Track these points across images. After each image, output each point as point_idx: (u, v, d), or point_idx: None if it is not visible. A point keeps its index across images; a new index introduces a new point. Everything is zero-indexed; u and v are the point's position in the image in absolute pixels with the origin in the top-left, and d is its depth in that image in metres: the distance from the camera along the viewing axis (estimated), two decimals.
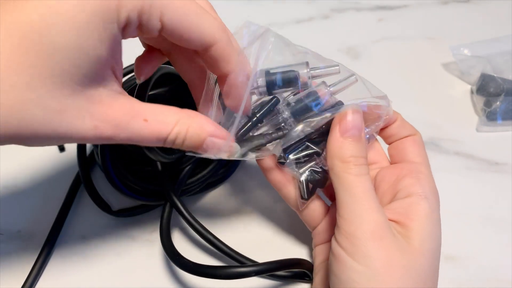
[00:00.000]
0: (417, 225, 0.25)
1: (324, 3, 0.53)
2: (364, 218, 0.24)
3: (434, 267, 0.25)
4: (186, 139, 0.22)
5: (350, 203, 0.24)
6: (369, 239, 0.23)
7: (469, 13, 0.51)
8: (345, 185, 0.24)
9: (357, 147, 0.25)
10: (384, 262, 0.23)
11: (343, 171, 0.25)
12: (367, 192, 0.24)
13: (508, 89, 0.39)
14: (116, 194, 0.36)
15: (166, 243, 0.30)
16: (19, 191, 0.37)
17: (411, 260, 0.24)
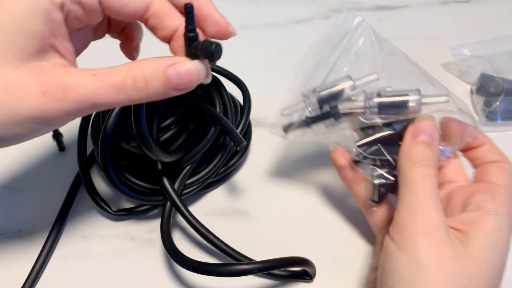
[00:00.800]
0: (479, 235, 0.24)
1: (324, 3, 0.53)
2: (420, 213, 0.24)
3: (492, 281, 0.24)
4: (146, 79, 0.22)
5: (409, 199, 0.24)
6: (420, 233, 0.23)
7: (469, 13, 0.51)
8: (408, 182, 0.25)
9: (426, 151, 0.26)
10: (432, 258, 0.23)
11: (408, 169, 0.25)
12: (428, 191, 0.24)
13: (508, 89, 0.39)
14: (116, 194, 0.36)
15: (167, 242, 0.30)
16: (19, 191, 0.37)
17: (464, 265, 0.23)
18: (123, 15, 0.25)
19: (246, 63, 0.46)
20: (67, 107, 0.21)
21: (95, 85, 0.21)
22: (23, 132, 0.22)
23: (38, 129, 0.22)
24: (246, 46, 0.48)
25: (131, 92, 0.22)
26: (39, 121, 0.22)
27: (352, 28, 0.32)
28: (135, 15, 0.25)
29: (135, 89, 0.22)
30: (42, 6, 0.21)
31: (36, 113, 0.21)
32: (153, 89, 0.22)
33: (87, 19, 0.24)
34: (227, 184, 0.37)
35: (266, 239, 0.34)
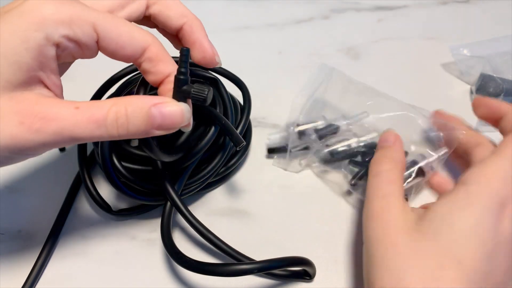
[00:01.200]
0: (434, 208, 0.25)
1: (324, 3, 0.53)
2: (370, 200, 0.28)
3: None
4: (128, 116, 0.22)
5: (367, 191, 0.29)
6: (370, 218, 0.27)
7: (469, 13, 0.51)
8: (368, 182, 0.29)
9: (382, 152, 0.31)
10: (374, 239, 0.25)
11: (370, 172, 0.30)
12: (379, 183, 0.29)
13: (507, 89, 0.40)
14: (116, 194, 0.36)
15: (168, 242, 0.30)
16: (19, 191, 0.37)
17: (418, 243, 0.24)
18: (118, 56, 0.24)
19: (246, 63, 0.46)
20: (44, 139, 0.21)
21: (76, 118, 0.21)
22: None
23: (11, 158, 0.22)
24: (246, 46, 0.48)
25: (111, 128, 0.22)
26: (13, 150, 0.21)
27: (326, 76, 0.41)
28: (130, 58, 0.25)
29: (116, 125, 0.22)
30: (35, 40, 0.21)
31: (11, 142, 0.21)
32: (135, 127, 0.22)
33: (81, 55, 0.24)
34: (227, 184, 0.37)
35: (266, 239, 0.34)
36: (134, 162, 0.33)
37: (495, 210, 0.23)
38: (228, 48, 0.47)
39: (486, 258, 0.22)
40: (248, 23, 0.51)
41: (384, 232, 0.24)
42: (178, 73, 0.25)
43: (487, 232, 0.22)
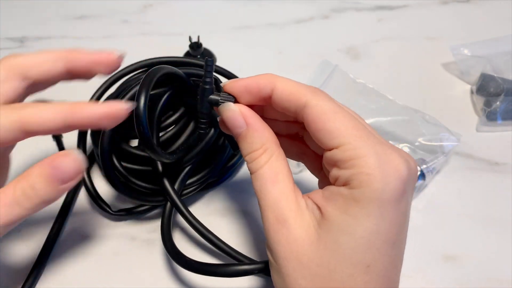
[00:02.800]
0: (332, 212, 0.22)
1: (324, 3, 0.53)
2: (263, 215, 0.23)
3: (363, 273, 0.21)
4: (32, 185, 0.22)
5: None
6: (270, 223, 0.23)
7: (469, 13, 0.51)
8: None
9: (242, 145, 0.24)
10: (279, 255, 0.22)
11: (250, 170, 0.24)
12: (266, 176, 0.23)
13: (508, 89, 0.39)
14: (116, 194, 0.36)
15: (168, 242, 0.30)
16: None
17: (319, 254, 0.22)
18: None
19: (246, 63, 0.45)
20: None
21: None
22: None
23: None
24: (246, 46, 0.48)
25: (25, 204, 0.22)
26: None
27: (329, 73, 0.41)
28: None
29: (26, 199, 0.22)
30: None
31: None
32: (43, 192, 0.22)
33: None
34: (227, 184, 0.37)
35: None
36: (133, 162, 0.33)
37: (390, 205, 0.21)
38: (228, 47, 0.47)
39: (392, 250, 0.21)
40: (248, 22, 0.51)
41: (287, 248, 0.22)
42: (204, 83, 0.25)
43: (388, 227, 0.21)
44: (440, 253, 0.33)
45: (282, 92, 0.23)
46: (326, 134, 0.22)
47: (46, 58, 0.25)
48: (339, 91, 0.41)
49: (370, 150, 0.21)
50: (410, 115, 0.38)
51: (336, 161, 0.22)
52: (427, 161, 0.35)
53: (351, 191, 0.21)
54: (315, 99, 0.22)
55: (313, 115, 0.22)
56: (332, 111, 0.22)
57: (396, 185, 0.21)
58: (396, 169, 0.21)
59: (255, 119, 0.24)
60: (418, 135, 0.37)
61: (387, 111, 0.39)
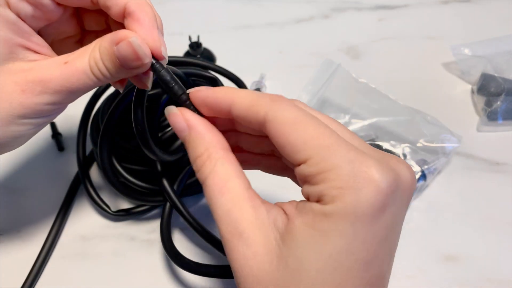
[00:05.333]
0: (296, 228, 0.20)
1: (324, 2, 0.52)
2: (217, 226, 0.21)
3: None
4: (103, 59, 0.22)
5: None
6: (225, 236, 0.20)
7: (470, 12, 0.51)
8: None
9: (189, 148, 0.22)
10: (236, 270, 0.20)
11: None
12: (215, 183, 0.21)
13: (508, 88, 0.39)
14: (115, 194, 0.36)
15: (167, 243, 0.30)
16: (19, 191, 0.37)
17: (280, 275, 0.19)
18: None
19: (246, 63, 0.45)
20: (48, 99, 0.22)
21: (67, 73, 0.22)
22: (19, 132, 0.23)
23: (31, 126, 0.23)
24: (246, 46, 0.48)
25: (97, 74, 0.22)
26: (29, 117, 0.23)
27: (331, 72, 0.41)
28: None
29: (97, 70, 0.22)
30: None
31: (23, 111, 0.22)
32: (111, 68, 0.22)
33: (43, 15, 0.24)
34: None
35: None
36: (133, 162, 0.33)
37: (365, 221, 0.18)
38: (228, 47, 0.47)
39: (366, 271, 0.19)
40: (248, 22, 0.51)
41: (245, 265, 0.19)
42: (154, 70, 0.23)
43: (362, 246, 0.18)
44: (441, 253, 0.33)
45: (240, 106, 0.21)
46: (290, 148, 0.19)
47: None
48: (341, 90, 0.41)
49: (341, 160, 0.18)
50: (412, 116, 0.38)
51: (305, 177, 0.19)
52: (428, 161, 0.35)
53: (322, 207, 0.18)
54: (274, 110, 0.20)
55: (274, 130, 0.20)
56: (292, 122, 0.19)
57: (372, 197, 0.18)
58: (371, 180, 0.18)
59: (198, 122, 0.22)
60: (419, 136, 0.37)
61: (389, 111, 0.39)
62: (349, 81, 0.41)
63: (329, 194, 0.18)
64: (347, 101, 0.40)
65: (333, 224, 0.18)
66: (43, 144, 0.39)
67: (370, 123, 0.38)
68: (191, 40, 0.43)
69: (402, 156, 0.36)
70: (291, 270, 0.18)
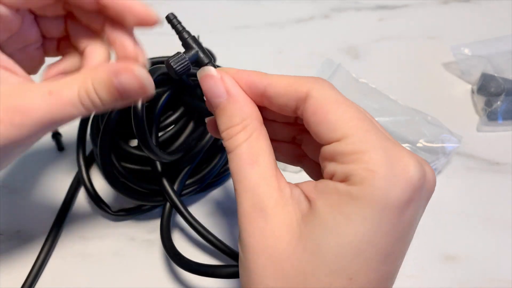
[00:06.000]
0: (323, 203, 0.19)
1: (324, 2, 0.52)
2: (238, 201, 0.20)
3: None
4: (96, 90, 0.20)
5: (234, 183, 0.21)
6: (242, 216, 0.20)
7: (470, 12, 0.51)
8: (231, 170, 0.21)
9: (223, 118, 0.21)
10: (249, 247, 0.19)
11: (227, 147, 0.21)
12: (242, 160, 0.20)
13: (508, 88, 0.39)
14: (115, 194, 0.36)
15: (167, 243, 0.30)
16: (18, 191, 0.37)
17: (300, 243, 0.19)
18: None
19: (246, 63, 0.45)
20: (28, 131, 0.20)
21: (52, 103, 0.20)
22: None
23: (9, 154, 0.21)
24: (246, 45, 0.48)
25: (87, 105, 0.21)
26: (3, 149, 0.20)
27: None
28: None
29: (89, 101, 0.21)
30: None
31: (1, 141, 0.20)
32: (105, 99, 0.21)
33: (4, 27, 0.22)
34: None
35: None
36: (133, 162, 0.33)
37: (392, 212, 0.18)
38: (228, 47, 0.47)
39: (383, 265, 0.18)
40: (248, 22, 0.51)
41: (260, 241, 0.19)
42: (183, 39, 0.22)
43: (385, 237, 0.18)
44: (441, 253, 0.33)
45: (279, 85, 0.20)
46: (328, 125, 0.19)
47: None
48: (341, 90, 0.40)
49: (378, 145, 0.18)
50: (412, 116, 0.38)
51: (336, 155, 0.19)
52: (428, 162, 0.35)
53: (349, 187, 0.18)
54: (317, 89, 0.20)
55: (315, 106, 0.19)
56: (335, 101, 0.19)
57: (403, 189, 0.18)
58: (406, 171, 0.18)
59: (237, 90, 0.21)
60: (419, 136, 0.37)
61: (390, 111, 0.39)
62: (349, 81, 0.41)
63: (359, 174, 0.18)
64: None
65: (359, 209, 0.17)
66: (43, 144, 0.39)
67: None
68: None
69: None
70: (309, 253, 0.18)
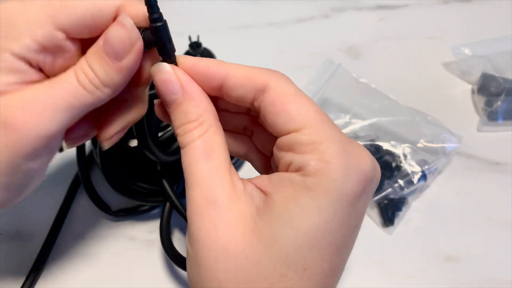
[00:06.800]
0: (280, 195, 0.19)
1: (324, 2, 0.52)
2: (188, 195, 0.19)
3: None
4: (91, 67, 0.20)
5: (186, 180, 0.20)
6: (191, 208, 0.19)
7: (470, 12, 0.51)
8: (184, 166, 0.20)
9: (176, 116, 0.20)
10: (200, 241, 0.18)
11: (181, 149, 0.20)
12: (194, 154, 0.20)
13: (509, 88, 0.39)
14: (115, 194, 0.36)
15: (166, 244, 0.30)
16: None
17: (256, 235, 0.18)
18: None
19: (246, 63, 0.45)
20: (58, 121, 0.20)
21: (57, 92, 0.19)
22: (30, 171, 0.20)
23: None
24: (246, 45, 0.48)
25: (88, 86, 0.20)
26: None
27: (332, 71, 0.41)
28: None
29: (87, 80, 0.20)
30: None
31: None
32: (99, 73, 0.20)
33: (61, 56, 0.21)
34: None
35: None
36: (133, 162, 0.33)
37: (346, 203, 0.18)
38: (228, 47, 0.47)
39: (336, 256, 0.18)
40: (248, 22, 0.51)
41: (212, 233, 0.18)
42: (153, 21, 0.20)
43: (338, 228, 0.18)
44: (441, 253, 0.33)
45: (237, 76, 0.20)
46: (286, 116, 0.19)
47: None
48: (341, 90, 0.41)
49: (334, 137, 0.18)
50: (412, 116, 0.38)
51: (293, 144, 0.19)
52: (428, 162, 0.35)
53: (304, 178, 0.18)
54: (275, 80, 0.20)
55: (273, 97, 0.19)
56: (293, 94, 0.20)
57: (358, 180, 0.18)
58: (360, 163, 0.18)
59: (193, 85, 0.20)
60: (420, 136, 0.37)
61: (390, 111, 0.39)
62: (349, 81, 0.41)
63: (314, 165, 0.18)
64: (347, 101, 0.40)
65: (314, 200, 0.18)
66: None
67: (370, 123, 0.38)
68: (191, 40, 0.43)
69: (402, 156, 0.36)
70: (264, 244, 0.18)
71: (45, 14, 0.19)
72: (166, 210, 0.32)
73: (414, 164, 0.35)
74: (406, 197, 0.35)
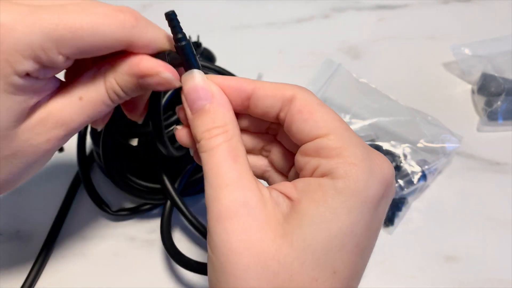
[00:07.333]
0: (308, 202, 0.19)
1: (324, 2, 0.52)
2: (214, 193, 0.19)
3: None
4: (122, 86, 0.21)
5: (206, 184, 0.20)
6: (214, 217, 0.19)
7: (470, 12, 0.51)
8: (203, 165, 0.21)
9: (203, 122, 0.21)
10: (229, 248, 0.18)
11: (200, 152, 0.21)
12: (220, 164, 0.20)
13: (509, 88, 0.39)
14: (115, 194, 0.36)
15: (167, 241, 0.30)
16: (19, 191, 0.37)
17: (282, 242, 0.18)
18: None
19: (246, 63, 0.45)
20: (68, 139, 0.22)
21: (85, 110, 0.21)
22: None
23: None
24: (246, 45, 0.48)
25: (115, 99, 0.22)
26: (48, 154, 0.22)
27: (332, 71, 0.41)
28: None
29: (116, 96, 0.22)
30: None
31: (49, 157, 0.22)
32: (130, 92, 0.22)
33: None
34: None
35: None
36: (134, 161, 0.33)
37: (371, 205, 0.18)
38: (228, 47, 0.47)
39: (360, 258, 0.19)
40: (248, 22, 0.51)
41: (243, 238, 0.18)
42: (178, 40, 0.21)
43: (363, 230, 0.18)
44: (442, 253, 0.33)
45: (265, 87, 0.21)
46: (312, 123, 0.20)
47: None
48: (341, 90, 0.41)
49: (357, 142, 0.20)
50: (412, 116, 0.38)
51: (320, 149, 0.20)
52: (428, 162, 0.35)
53: (333, 181, 0.18)
54: (302, 93, 0.21)
55: (300, 105, 0.20)
56: (318, 104, 0.21)
57: (380, 183, 0.19)
58: (382, 167, 0.19)
59: (223, 95, 0.21)
60: (420, 136, 0.37)
61: (390, 111, 0.39)
62: (349, 81, 0.41)
63: (342, 168, 0.19)
64: (347, 101, 0.40)
65: (343, 202, 0.18)
66: None
67: (370, 123, 0.38)
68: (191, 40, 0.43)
69: (402, 156, 0.36)
70: (296, 249, 0.18)
71: (51, 39, 0.19)
72: (167, 208, 0.31)
73: (414, 164, 0.35)
74: (406, 197, 0.35)
